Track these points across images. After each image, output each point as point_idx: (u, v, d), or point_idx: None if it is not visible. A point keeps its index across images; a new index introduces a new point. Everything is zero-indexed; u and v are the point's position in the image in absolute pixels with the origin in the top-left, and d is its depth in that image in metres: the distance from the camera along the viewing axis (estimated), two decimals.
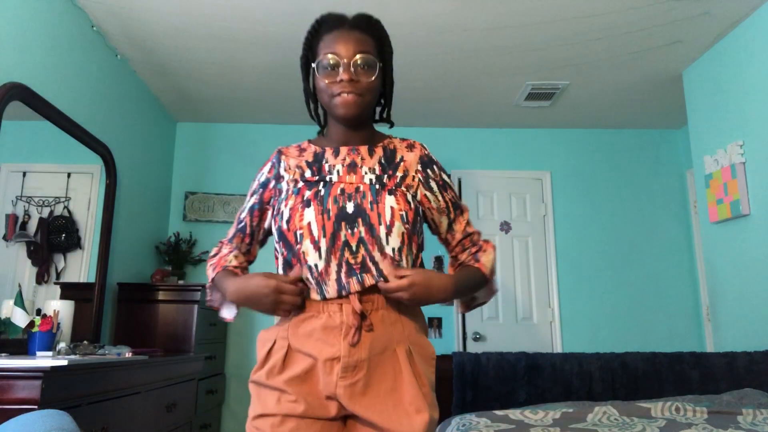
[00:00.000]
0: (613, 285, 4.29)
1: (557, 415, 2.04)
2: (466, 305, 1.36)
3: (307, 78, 1.29)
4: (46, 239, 2.64)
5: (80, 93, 2.94)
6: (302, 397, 1.10)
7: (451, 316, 4.18)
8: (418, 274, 1.12)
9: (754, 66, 2.97)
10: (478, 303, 1.35)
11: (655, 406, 2.09)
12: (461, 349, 4.11)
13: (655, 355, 2.43)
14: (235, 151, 4.43)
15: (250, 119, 4.40)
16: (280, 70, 3.57)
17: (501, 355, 2.37)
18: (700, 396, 2.24)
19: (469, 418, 2.04)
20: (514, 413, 2.07)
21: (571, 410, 2.07)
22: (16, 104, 2.34)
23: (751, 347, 2.93)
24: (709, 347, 4.06)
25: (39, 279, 2.56)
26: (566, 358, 2.39)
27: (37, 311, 2.25)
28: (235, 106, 4.16)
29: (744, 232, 3.06)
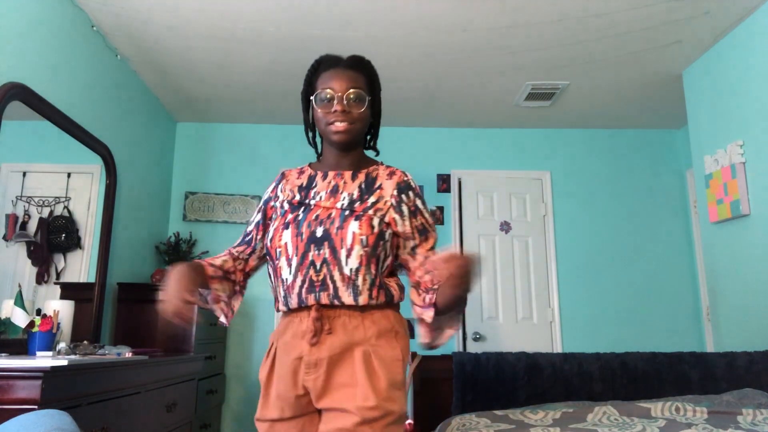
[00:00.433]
0: (613, 285, 4.29)
1: (557, 415, 2.04)
2: (433, 334, 1.37)
3: (307, 110, 1.47)
4: (46, 239, 2.64)
5: (80, 93, 2.94)
6: (285, 396, 1.30)
7: None
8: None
9: (754, 66, 2.97)
10: (442, 337, 1.39)
11: (655, 406, 2.08)
12: (461, 349, 4.11)
13: (655, 355, 2.43)
14: (235, 151, 4.43)
15: (250, 119, 4.40)
16: (280, 70, 3.57)
17: (501, 355, 2.37)
18: (700, 396, 2.24)
19: (469, 418, 2.04)
20: (514, 413, 2.07)
21: (571, 410, 2.07)
22: (16, 104, 2.34)
23: (751, 347, 2.93)
24: (709, 347, 4.06)
25: (39, 279, 2.56)
26: (566, 358, 2.39)
27: (37, 311, 2.25)
28: (235, 106, 4.16)
29: (744, 232, 3.06)
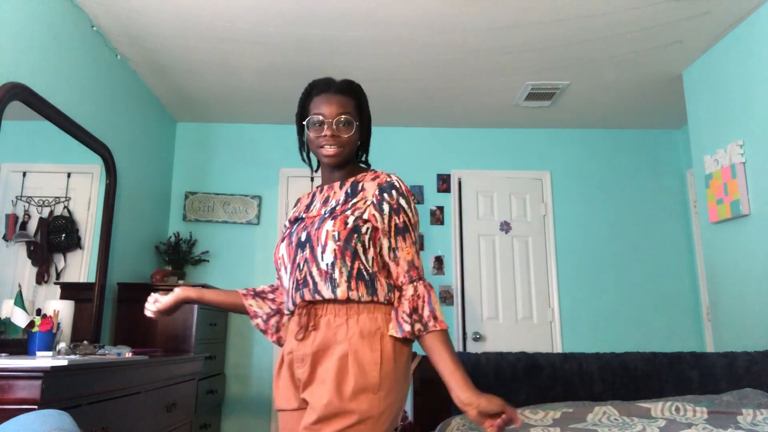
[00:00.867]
0: (613, 285, 4.29)
1: (557, 415, 2.04)
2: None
3: (301, 131, 1.55)
4: (46, 239, 2.64)
5: (80, 93, 2.94)
6: (287, 388, 1.43)
7: (451, 316, 4.18)
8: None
9: (754, 66, 2.97)
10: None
11: (655, 406, 2.08)
12: (461, 349, 4.11)
13: (655, 355, 2.43)
14: (235, 151, 4.43)
15: (250, 119, 4.40)
16: (280, 70, 3.57)
17: (501, 355, 2.37)
18: (700, 396, 2.23)
19: None
20: None
21: (571, 410, 2.07)
22: (16, 104, 2.34)
23: (751, 347, 2.93)
24: (709, 347, 4.06)
25: (39, 279, 2.56)
26: (566, 358, 2.39)
27: (37, 311, 2.25)
28: (235, 106, 4.16)
29: (744, 232, 3.06)
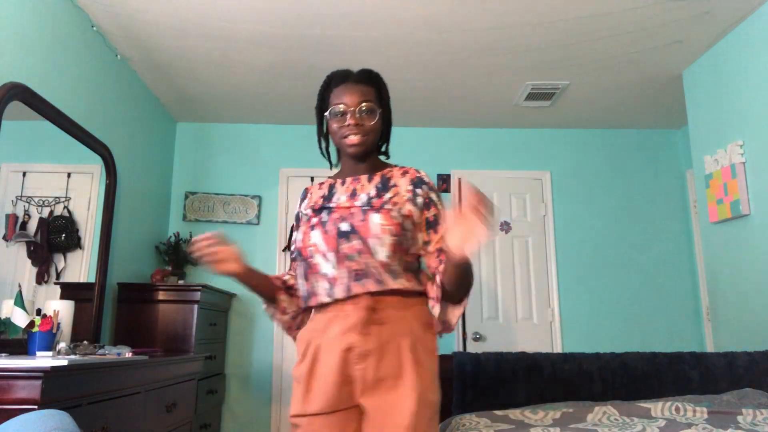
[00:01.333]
0: (613, 285, 4.29)
1: (557, 415, 2.04)
2: (443, 322, 1.46)
3: (320, 124, 1.55)
4: (46, 239, 2.64)
5: (80, 93, 2.94)
6: (329, 390, 1.33)
7: None
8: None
9: (754, 66, 2.97)
10: (448, 324, 1.48)
11: (655, 406, 2.08)
12: (461, 349, 4.11)
13: (655, 355, 2.43)
14: (235, 151, 4.43)
15: (250, 119, 4.40)
16: (280, 70, 3.57)
17: (501, 355, 2.37)
18: (700, 396, 2.23)
19: (469, 418, 2.04)
20: (514, 413, 2.07)
21: (571, 410, 2.07)
22: (16, 104, 2.34)
23: (751, 347, 2.93)
24: (709, 347, 4.06)
25: (39, 279, 2.56)
26: (566, 358, 2.39)
27: (37, 311, 2.25)
28: (235, 106, 4.16)
29: (744, 232, 3.06)
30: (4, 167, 2.38)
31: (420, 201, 1.45)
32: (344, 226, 1.38)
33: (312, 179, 4.32)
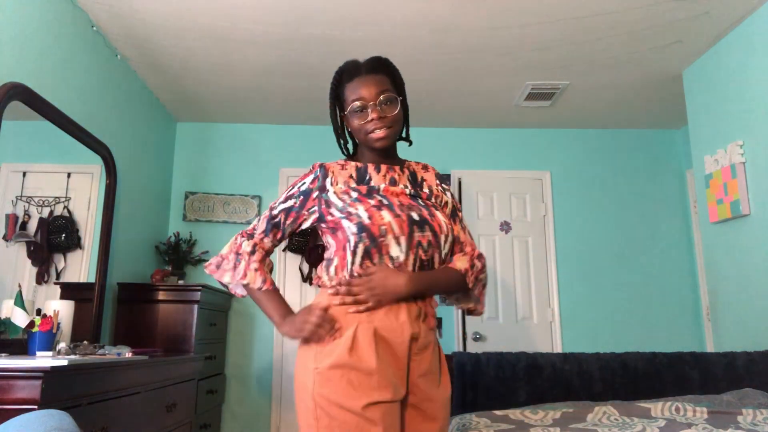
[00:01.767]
0: (613, 285, 4.29)
1: (557, 415, 2.04)
2: (469, 311, 1.56)
3: (335, 121, 1.50)
4: (46, 239, 2.64)
5: (80, 93, 2.94)
6: (395, 377, 1.29)
7: (451, 316, 4.18)
8: (376, 274, 1.33)
9: (754, 66, 2.97)
10: (477, 311, 1.54)
11: (655, 406, 2.08)
12: (461, 349, 4.11)
13: (655, 355, 2.43)
14: (235, 151, 4.43)
15: (250, 119, 4.40)
16: (280, 70, 3.57)
17: (501, 355, 2.37)
18: (700, 396, 2.23)
19: (469, 418, 2.04)
20: (514, 413, 2.07)
21: (571, 410, 2.07)
22: (16, 104, 2.34)
23: (751, 347, 2.93)
24: (709, 347, 4.06)
25: (39, 279, 2.56)
26: (566, 358, 2.39)
27: (37, 311, 2.25)
28: (235, 106, 4.16)
29: (744, 232, 3.06)
30: (4, 167, 2.38)
31: (448, 197, 1.52)
32: (415, 215, 1.36)
33: None
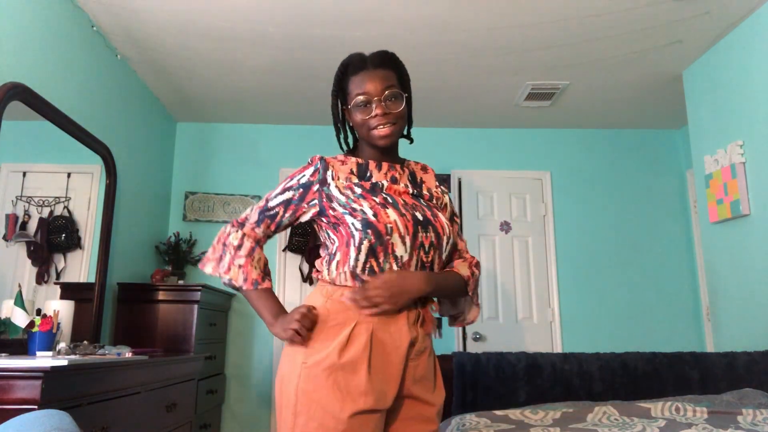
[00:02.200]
0: (613, 285, 4.29)
1: (557, 415, 2.04)
2: (453, 318, 1.52)
3: (337, 114, 1.45)
4: (46, 239, 2.64)
5: (80, 93, 2.94)
6: (387, 385, 1.24)
7: None
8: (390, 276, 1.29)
9: (754, 66, 2.97)
10: (463, 319, 1.48)
11: (655, 406, 2.08)
12: (461, 349, 4.11)
13: (655, 355, 2.43)
14: (235, 151, 4.43)
15: (250, 119, 4.40)
16: (280, 70, 3.57)
17: (501, 355, 2.37)
18: (700, 396, 2.23)
19: (469, 418, 2.04)
20: (514, 413, 2.07)
21: (571, 410, 2.07)
22: (16, 104, 2.34)
23: (751, 347, 2.93)
24: (709, 347, 4.06)
25: (39, 279, 2.55)
26: (566, 358, 2.39)
27: (37, 311, 2.25)
28: (235, 106, 4.16)
29: (744, 232, 3.06)
30: (4, 167, 2.38)
31: (447, 199, 1.49)
32: (419, 216, 1.32)
33: None
